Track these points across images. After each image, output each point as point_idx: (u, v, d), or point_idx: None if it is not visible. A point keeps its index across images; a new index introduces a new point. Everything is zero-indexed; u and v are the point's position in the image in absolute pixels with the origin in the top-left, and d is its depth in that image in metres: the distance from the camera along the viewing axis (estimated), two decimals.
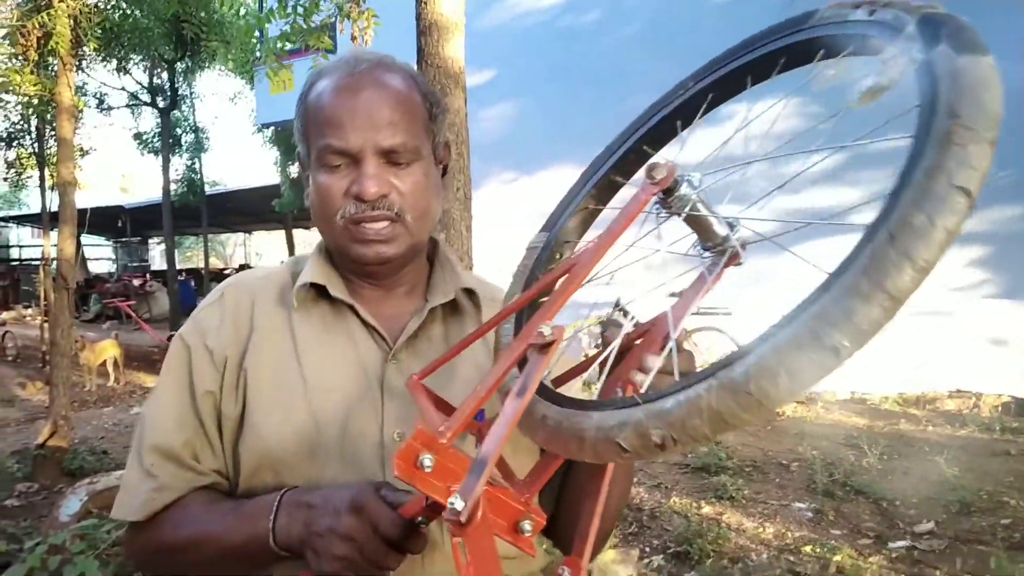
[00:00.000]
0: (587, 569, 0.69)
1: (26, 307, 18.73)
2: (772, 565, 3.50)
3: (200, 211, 18.00)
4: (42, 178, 10.04)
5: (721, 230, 0.68)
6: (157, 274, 21.97)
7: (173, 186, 17.00)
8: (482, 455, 0.59)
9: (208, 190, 19.08)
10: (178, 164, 18.42)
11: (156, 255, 32.39)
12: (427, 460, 0.68)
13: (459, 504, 0.57)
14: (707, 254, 0.70)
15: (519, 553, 0.99)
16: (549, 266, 0.83)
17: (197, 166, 18.25)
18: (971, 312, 6.60)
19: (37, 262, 19.91)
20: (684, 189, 0.65)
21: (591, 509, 0.73)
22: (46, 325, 10.24)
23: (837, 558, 3.61)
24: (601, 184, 0.84)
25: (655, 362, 0.70)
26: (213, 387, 0.98)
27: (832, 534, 3.96)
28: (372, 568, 0.77)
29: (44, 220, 8.66)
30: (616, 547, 3.64)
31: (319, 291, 1.01)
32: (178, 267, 18.86)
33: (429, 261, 1.12)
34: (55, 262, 5.59)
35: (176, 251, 18.62)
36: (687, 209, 0.66)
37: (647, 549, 3.84)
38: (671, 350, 0.68)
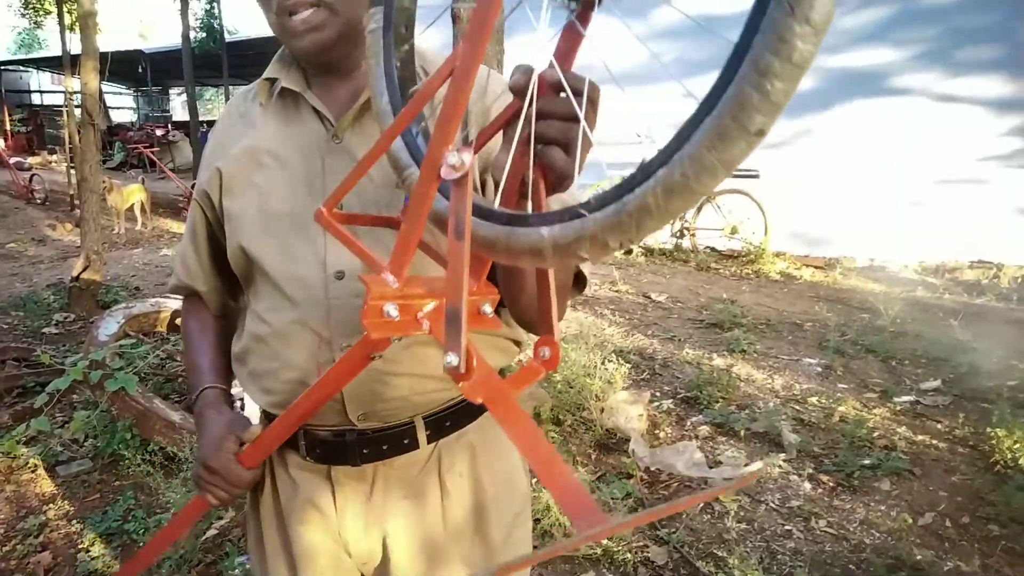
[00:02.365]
0: (559, 340, 0.71)
1: (51, 152, 18.81)
2: (778, 412, 3.63)
3: (220, 60, 17.60)
4: (60, 15, 9.80)
5: None
6: (179, 125, 21.74)
7: (192, 34, 16.55)
8: (452, 311, 0.60)
9: (228, 38, 18.56)
10: (197, 9, 17.86)
11: (177, 106, 31.99)
12: (392, 310, 0.68)
13: (454, 360, 0.59)
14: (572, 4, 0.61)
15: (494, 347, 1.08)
16: (401, 47, 0.74)
17: (216, 11, 17.67)
18: (1003, 182, 6.46)
19: (60, 107, 19.78)
20: None
21: (544, 289, 0.73)
22: (72, 171, 10.33)
23: (842, 408, 3.74)
24: None
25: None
26: (209, 188, 1.10)
27: (839, 388, 4.08)
28: (231, 493, 1.07)
29: (65, 59, 8.51)
30: (628, 388, 3.79)
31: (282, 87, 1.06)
32: (200, 119, 18.67)
33: None
34: (79, 98, 5.54)
35: (197, 103, 18.37)
36: None
37: (657, 394, 3.99)
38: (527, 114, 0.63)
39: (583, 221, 0.51)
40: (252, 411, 3.23)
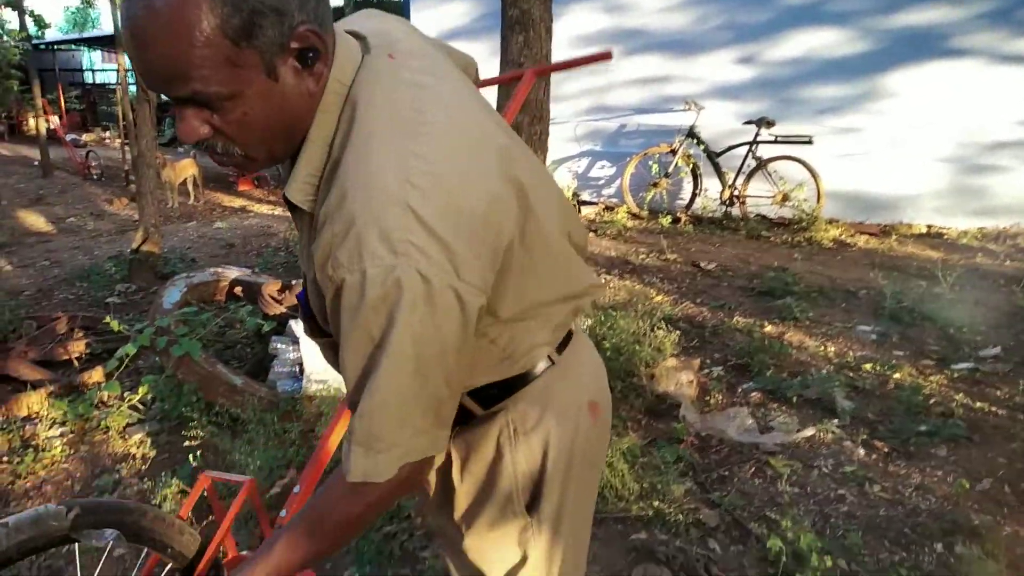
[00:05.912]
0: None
1: (105, 129, 19.26)
2: (831, 379, 3.60)
3: None
4: None
5: None
6: None
7: None
8: None
9: None
10: None
11: None
12: None
13: None
14: None
15: None
16: None
17: None
18: None
19: (112, 85, 20.20)
20: None
21: None
22: (126, 147, 10.57)
23: (897, 375, 3.69)
24: None
25: None
26: None
27: (894, 355, 4.02)
28: None
29: (118, 37, 8.67)
30: (677, 356, 3.79)
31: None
32: None
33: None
34: (133, 75, 5.66)
35: None
36: None
37: (708, 361, 3.98)
38: None
39: None
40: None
